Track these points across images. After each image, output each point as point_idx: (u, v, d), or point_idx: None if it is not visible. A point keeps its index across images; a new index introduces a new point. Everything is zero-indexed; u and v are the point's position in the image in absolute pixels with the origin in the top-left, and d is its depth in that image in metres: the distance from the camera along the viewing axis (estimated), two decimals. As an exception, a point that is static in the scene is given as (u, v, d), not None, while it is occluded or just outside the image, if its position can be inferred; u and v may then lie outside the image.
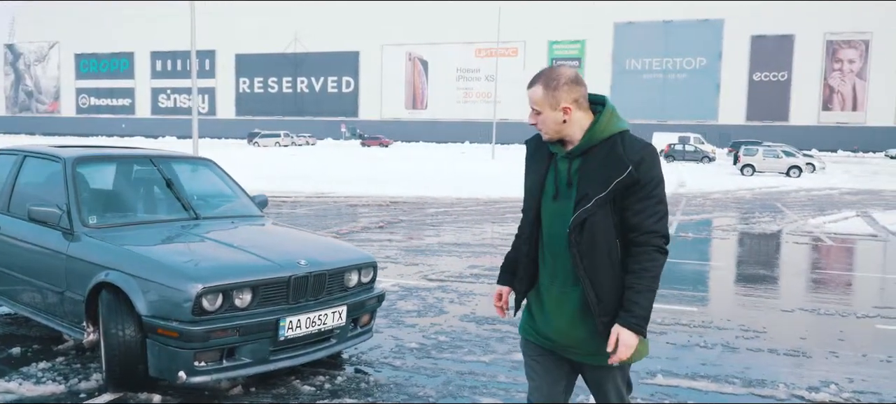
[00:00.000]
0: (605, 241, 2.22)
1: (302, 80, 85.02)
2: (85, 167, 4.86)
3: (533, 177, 2.38)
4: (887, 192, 24.06)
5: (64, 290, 4.38)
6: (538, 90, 2.28)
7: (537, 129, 2.33)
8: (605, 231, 2.22)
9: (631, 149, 2.22)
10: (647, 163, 2.21)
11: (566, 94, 2.26)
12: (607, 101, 2.33)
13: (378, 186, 20.44)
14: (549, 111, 2.27)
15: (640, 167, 2.20)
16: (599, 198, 2.19)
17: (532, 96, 2.29)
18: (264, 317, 3.94)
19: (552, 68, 2.32)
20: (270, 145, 58.27)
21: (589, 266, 2.23)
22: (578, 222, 2.21)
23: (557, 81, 2.26)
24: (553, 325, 2.36)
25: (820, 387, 4.45)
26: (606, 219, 2.21)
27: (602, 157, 2.23)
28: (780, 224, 14.02)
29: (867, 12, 65.26)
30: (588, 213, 2.20)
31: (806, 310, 6.63)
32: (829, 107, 68.84)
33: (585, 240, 2.22)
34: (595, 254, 2.22)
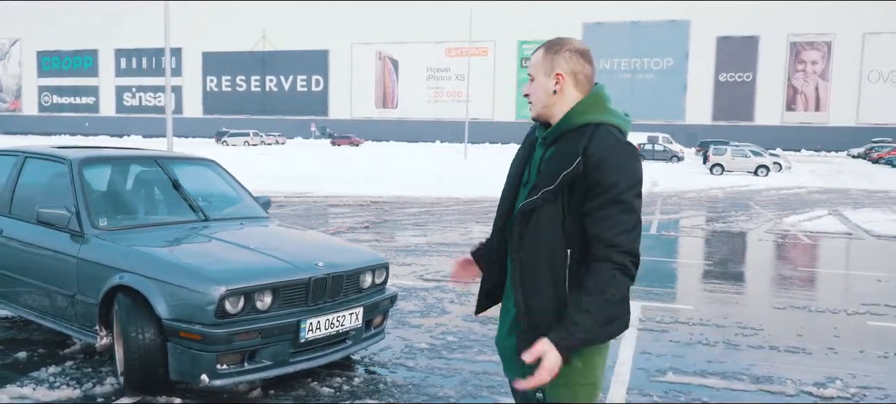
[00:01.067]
0: (549, 242, 1.93)
1: (270, 79, 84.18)
2: (91, 168, 4.78)
3: (515, 163, 2.14)
4: (854, 191, 24.67)
5: (74, 294, 4.31)
6: (538, 53, 2.06)
7: (528, 103, 2.08)
8: (550, 230, 1.93)
9: (596, 142, 1.90)
10: (610, 163, 1.87)
11: (565, 62, 2.01)
12: (601, 88, 2.05)
13: (356, 186, 20.36)
14: (541, 77, 2.03)
15: (601, 166, 1.86)
16: (547, 190, 1.92)
17: (531, 61, 2.08)
18: (285, 319, 3.93)
19: (562, 37, 2.09)
20: (239, 144, 57.60)
21: (525, 266, 1.97)
22: (522, 214, 1.96)
23: (560, 47, 2.03)
24: (499, 329, 2.16)
25: (826, 383, 4.57)
26: (554, 217, 1.92)
27: (564, 147, 1.95)
28: (757, 223, 14.30)
29: (829, 14, 66.74)
30: (533, 205, 1.93)
31: (797, 308, 6.79)
32: (792, 108, 70.28)
33: (527, 236, 1.95)
34: (534, 253, 1.95)
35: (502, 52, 75.52)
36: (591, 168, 1.87)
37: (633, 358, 4.98)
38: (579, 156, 1.88)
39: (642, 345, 5.32)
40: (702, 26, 70.51)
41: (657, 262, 9.30)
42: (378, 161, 36.87)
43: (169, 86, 18.92)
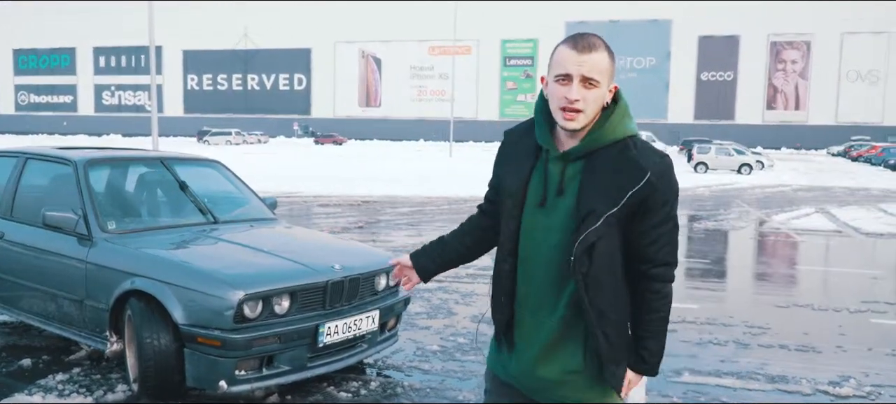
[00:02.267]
0: (615, 270, 1.82)
1: (252, 78, 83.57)
2: (97, 170, 4.68)
3: (514, 175, 1.90)
4: (836, 189, 24.95)
5: (83, 299, 4.21)
6: (605, 57, 1.77)
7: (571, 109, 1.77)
8: (614, 257, 1.81)
9: (646, 155, 1.78)
10: (667, 175, 1.78)
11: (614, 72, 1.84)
12: (621, 95, 1.86)
13: (343, 185, 20.24)
14: (606, 87, 1.79)
15: (661, 183, 1.76)
16: (610, 214, 1.75)
17: (593, 64, 1.75)
18: (304, 324, 3.86)
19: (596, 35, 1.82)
20: (221, 143, 57.12)
21: (598, 301, 1.79)
22: (586, 247, 1.76)
23: (613, 54, 1.82)
24: (518, 361, 1.93)
25: (840, 382, 4.58)
26: (614, 241, 1.79)
27: (611, 163, 1.77)
28: (747, 221, 14.40)
29: (808, 14, 67.51)
30: (597, 235, 1.75)
31: (800, 306, 6.82)
32: (773, 107, 71.02)
33: (595, 269, 1.78)
34: (605, 286, 1.80)
35: (486, 50, 75.59)
36: (651, 185, 1.76)
37: (647, 359, 4.95)
38: (649, 172, 1.75)
39: (653, 346, 5.29)
40: (683, 26, 71.05)
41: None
42: (364, 160, 36.73)
43: (154, 85, 18.72)
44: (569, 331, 1.85)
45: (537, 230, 1.85)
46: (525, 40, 75.50)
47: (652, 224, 1.78)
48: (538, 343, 1.88)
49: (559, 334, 1.85)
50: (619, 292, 1.84)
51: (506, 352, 1.98)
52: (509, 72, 76.49)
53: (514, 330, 1.94)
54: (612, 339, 1.83)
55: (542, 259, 1.85)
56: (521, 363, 1.92)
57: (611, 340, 1.82)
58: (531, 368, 1.90)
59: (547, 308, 1.86)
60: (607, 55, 1.78)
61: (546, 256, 1.84)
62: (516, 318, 1.93)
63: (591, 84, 1.76)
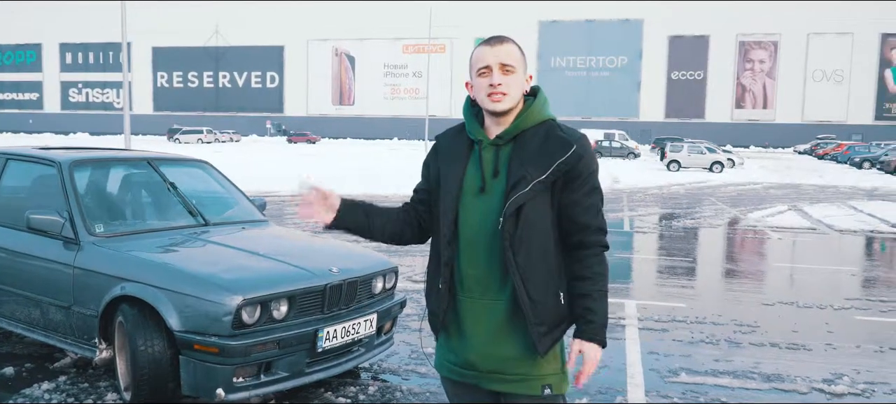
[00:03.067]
0: (542, 234, 1.94)
1: (224, 75, 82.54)
2: (82, 171, 4.53)
3: (451, 172, 2.02)
4: (805, 186, 25.38)
5: (70, 305, 4.07)
6: (514, 48, 2.00)
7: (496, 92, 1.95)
8: (543, 222, 1.94)
9: (570, 132, 1.98)
10: (589, 149, 1.96)
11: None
12: (539, 88, 2.09)
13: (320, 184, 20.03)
14: (520, 73, 1.99)
15: (584, 156, 1.94)
16: (539, 180, 1.90)
17: (507, 52, 1.97)
18: (303, 329, 3.77)
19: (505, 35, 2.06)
20: (192, 142, 56.45)
21: (523, 263, 1.92)
22: (513, 210, 1.90)
23: (522, 49, 2.05)
24: (472, 345, 2.00)
25: (834, 380, 4.62)
26: (544, 208, 1.94)
27: (539, 140, 1.96)
28: (724, 219, 14.56)
29: (776, 15, 68.59)
30: (525, 198, 1.90)
31: (785, 303, 6.88)
32: (741, 105, 72.07)
33: (521, 231, 1.91)
34: (531, 248, 1.93)
35: (460, 49, 75.54)
36: (577, 158, 1.94)
37: (642, 359, 4.95)
38: (574, 144, 1.93)
39: (647, 345, 5.31)
40: (654, 26, 71.76)
41: (642, 260, 9.36)
42: (339, 159, 36.49)
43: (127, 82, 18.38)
44: (520, 309, 1.95)
45: (478, 214, 1.97)
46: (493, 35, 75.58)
47: (583, 192, 1.95)
48: (491, 323, 1.98)
49: (511, 312, 1.96)
50: (547, 258, 1.95)
51: (456, 341, 2.05)
52: (483, 70, 76.55)
53: (462, 316, 2.02)
54: (536, 299, 1.93)
55: (485, 241, 1.96)
56: (477, 346, 2.00)
57: (534, 300, 1.93)
58: (488, 349, 1.98)
59: (494, 288, 1.97)
60: (517, 48, 2.02)
61: (488, 237, 1.96)
62: (462, 305, 2.01)
63: (508, 69, 1.97)
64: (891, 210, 16.98)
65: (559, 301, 1.98)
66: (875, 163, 36.82)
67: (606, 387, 4.38)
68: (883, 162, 34.96)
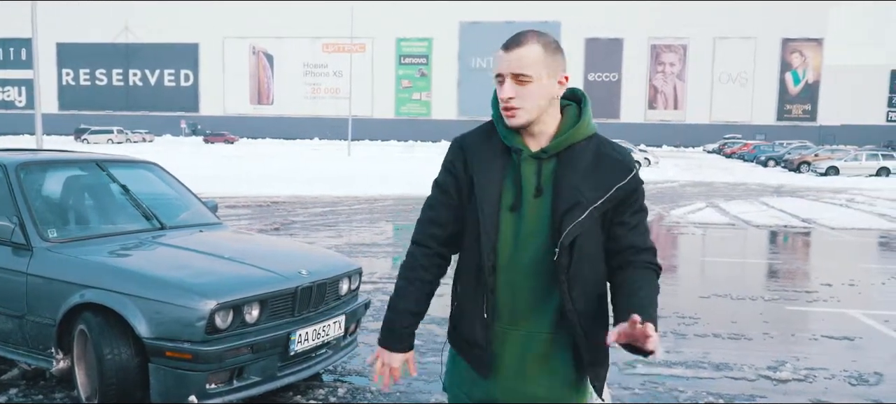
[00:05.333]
0: (597, 265, 1.80)
1: (134, 73, 79.31)
2: (30, 173, 4.30)
3: (488, 185, 1.78)
4: (718, 184, 26.60)
5: (23, 314, 3.87)
6: (537, 49, 1.73)
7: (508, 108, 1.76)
8: (596, 251, 1.79)
9: (624, 152, 1.82)
10: (638, 173, 1.83)
11: (563, 63, 1.78)
12: (584, 94, 1.87)
13: (247, 186, 19.62)
14: (546, 79, 1.73)
15: (636, 176, 1.81)
16: (595, 207, 1.73)
17: (519, 58, 1.72)
18: (275, 332, 3.73)
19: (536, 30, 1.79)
20: (102, 142, 53.95)
21: (579, 299, 1.76)
22: (569, 242, 1.73)
23: (556, 44, 1.76)
24: (503, 380, 1.83)
25: (777, 367, 4.90)
26: (597, 236, 1.78)
27: (589, 159, 1.77)
28: (651, 216, 15.09)
29: (684, 19, 71.54)
30: (581, 228, 1.73)
31: (720, 296, 7.23)
32: (654, 106, 74.83)
33: (576, 263, 1.74)
34: (586, 282, 1.77)
35: (380, 48, 75.30)
36: (637, 183, 1.83)
37: (598, 353, 5.11)
38: (634, 169, 1.81)
39: (600, 339, 5.47)
40: (571, 28, 73.51)
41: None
42: (260, 159, 35.72)
43: (39, 80, 17.45)
44: (559, 341, 1.80)
45: (515, 235, 1.77)
46: (420, 39, 75.82)
47: (633, 211, 1.81)
48: (528, 357, 1.80)
49: (548, 345, 1.79)
50: (600, 291, 1.82)
51: (483, 376, 1.84)
52: (404, 70, 76.54)
53: (494, 347, 1.82)
54: (592, 339, 1.78)
55: (525, 265, 1.77)
56: (508, 381, 1.82)
57: (591, 339, 1.77)
58: (516, 384, 1.82)
59: (535, 317, 1.79)
60: (538, 46, 1.73)
61: (530, 262, 1.77)
62: (494, 335, 1.81)
63: (522, 79, 1.73)
64: (799, 205, 18.04)
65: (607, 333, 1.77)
66: (779, 162, 38.97)
67: (570, 381, 4.50)
68: (786, 160, 37.07)
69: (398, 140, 72.75)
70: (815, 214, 15.85)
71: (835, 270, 8.95)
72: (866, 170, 32.41)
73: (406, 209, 15.28)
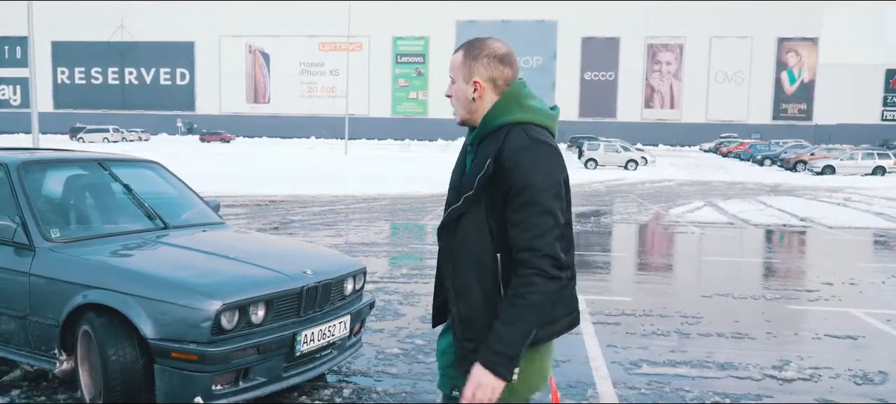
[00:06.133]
0: (476, 249, 1.88)
1: (130, 71, 79.04)
2: (32, 172, 4.27)
3: (454, 170, 2.06)
4: (715, 183, 26.67)
5: (26, 315, 3.84)
6: (459, 56, 1.98)
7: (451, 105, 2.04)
8: (477, 237, 1.88)
9: (508, 144, 1.85)
10: (523, 165, 1.81)
11: (483, 68, 1.94)
12: (519, 85, 1.98)
13: (245, 185, 19.57)
14: (461, 82, 1.97)
15: (514, 168, 1.81)
16: (468, 196, 1.88)
17: (452, 62, 2.01)
18: (281, 333, 3.70)
19: (484, 38, 1.99)
20: (97, 141, 53.83)
21: (457, 276, 1.93)
22: (447, 222, 1.95)
23: (480, 51, 1.95)
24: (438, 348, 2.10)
25: (782, 367, 4.89)
26: (479, 224, 1.87)
27: (482, 151, 1.91)
28: (648, 215, 15.11)
29: (680, 18, 71.60)
30: (457, 213, 1.91)
31: (722, 295, 7.22)
32: (650, 105, 74.87)
33: (456, 245, 1.92)
34: (463, 262, 1.91)
35: (377, 47, 75.22)
36: (506, 171, 1.82)
37: (603, 352, 5.10)
38: (490, 158, 1.85)
39: (604, 339, 5.46)
40: (568, 27, 73.57)
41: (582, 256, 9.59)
42: (257, 158, 35.64)
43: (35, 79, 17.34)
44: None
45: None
46: (416, 38, 75.75)
47: (512, 209, 1.82)
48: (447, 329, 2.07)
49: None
50: (482, 273, 1.88)
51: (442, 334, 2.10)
52: (401, 69, 76.45)
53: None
54: (466, 317, 1.90)
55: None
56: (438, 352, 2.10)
57: (464, 318, 1.91)
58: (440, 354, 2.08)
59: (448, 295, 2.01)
60: (462, 55, 1.98)
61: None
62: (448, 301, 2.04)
63: (452, 79, 2.02)
64: (796, 204, 18.08)
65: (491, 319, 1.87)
66: (775, 161, 39.05)
67: (576, 381, 4.49)
68: (783, 159, 37.14)
69: (395, 139, 72.66)
70: (813, 213, 15.88)
71: (835, 269, 8.95)
72: (862, 168, 32.51)
73: (404, 208, 15.26)
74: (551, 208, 1.81)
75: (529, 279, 1.78)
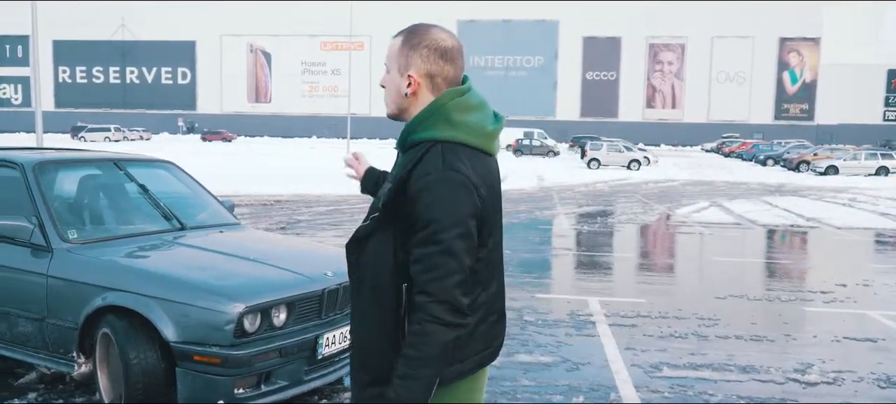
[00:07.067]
0: (379, 274, 1.67)
1: (131, 70, 78.99)
2: (48, 173, 4.22)
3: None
4: (718, 183, 26.59)
5: (43, 317, 3.79)
6: (397, 42, 1.74)
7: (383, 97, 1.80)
8: (382, 259, 1.67)
9: (419, 169, 1.62)
10: (427, 198, 1.58)
11: (421, 61, 1.69)
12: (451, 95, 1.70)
13: (248, 184, 19.51)
14: (395, 72, 1.73)
15: (419, 199, 1.59)
16: (373, 216, 1.69)
17: (389, 48, 1.76)
18: (303, 335, 3.65)
19: (428, 26, 1.73)
20: (99, 140, 53.74)
21: (359, 298, 1.73)
22: (355, 240, 1.73)
23: (419, 41, 1.70)
24: None
25: (804, 369, 4.84)
26: (384, 246, 1.66)
27: (399, 165, 1.71)
28: (654, 216, 15.05)
29: (682, 18, 71.53)
30: (365, 231, 1.70)
31: (736, 297, 7.16)
32: (652, 105, 74.80)
33: (362, 266, 1.71)
34: (366, 285, 1.71)
35: (379, 46, 75.09)
36: (410, 199, 1.61)
37: (622, 355, 5.05)
38: (390, 184, 1.66)
39: (622, 341, 5.41)
40: (569, 26, 73.50)
41: (592, 257, 9.55)
42: (259, 158, 35.58)
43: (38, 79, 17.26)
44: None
45: None
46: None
47: (414, 241, 1.61)
48: None
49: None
50: (382, 301, 1.68)
51: None
52: (402, 68, 76.36)
53: None
54: (364, 345, 1.72)
55: None
56: None
57: (362, 346, 1.72)
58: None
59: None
60: (400, 42, 1.72)
61: None
62: None
63: (386, 68, 1.76)
64: (802, 205, 18.02)
65: (392, 351, 1.66)
66: (778, 161, 38.98)
67: (597, 384, 4.44)
68: (785, 159, 37.08)
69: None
70: (820, 214, 15.83)
71: (847, 270, 8.90)
72: (865, 169, 32.44)
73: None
74: (453, 249, 1.58)
75: (423, 328, 1.57)
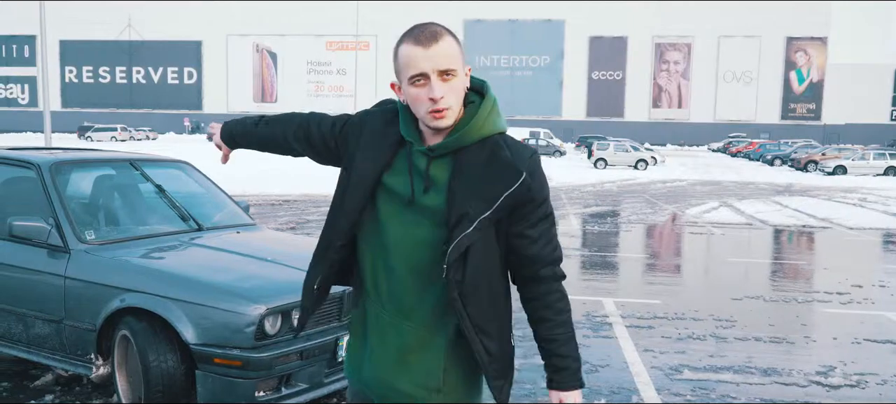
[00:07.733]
0: (493, 277, 1.67)
1: (138, 70, 79.18)
2: (65, 173, 4.18)
3: (367, 165, 1.69)
4: (727, 183, 26.48)
5: (61, 319, 3.75)
6: (451, 42, 1.61)
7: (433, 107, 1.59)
8: (492, 262, 1.66)
9: (519, 154, 1.63)
10: (539, 173, 1.65)
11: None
12: (488, 88, 1.71)
13: (256, 183, 19.56)
14: (462, 72, 1.62)
15: (534, 177, 1.62)
16: (483, 217, 1.60)
17: (445, 53, 1.58)
18: (323, 338, 3.60)
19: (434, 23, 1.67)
20: (105, 139, 53.87)
21: (476, 314, 1.64)
22: (460, 253, 1.59)
23: (456, 35, 1.65)
24: (372, 366, 1.74)
25: (827, 372, 4.78)
26: (492, 245, 1.65)
27: (483, 162, 1.62)
28: (664, 215, 14.98)
29: (689, 17, 71.35)
30: (470, 240, 1.59)
31: (752, 298, 7.10)
32: (658, 105, 74.61)
33: (470, 277, 1.61)
34: (482, 297, 1.65)
35: (385, 46, 75.07)
36: (526, 185, 1.61)
37: (641, 357, 4.99)
38: (524, 172, 1.61)
39: (640, 343, 5.36)
40: (575, 26, 73.36)
41: (606, 257, 9.49)
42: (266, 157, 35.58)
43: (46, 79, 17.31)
44: (431, 340, 1.69)
45: (406, 230, 1.66)
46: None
47: (530, 223, 1.65)
48: (396, 347, 1.70)
49: (419, 341, 1.68)
50: (496, 301, 1.69)
51: (360, 356, 1.78)
52: (408, 68, 76.39)
53: (368, 325, 1.75)
54: (494, 353, 1.68)
55: (405, 252, 1.67)
56: (376, 368, 1.73)
57: (492, 354, 1.67)
58: (387, 376, 1.71)
59: (407, 308, 1.69)
60: (453, 39, 1.62)
61: (410, 250, 1.66)
62: (370, 313, 1.74)
63: (448, 75, 1.59)
64: (813, 205, 17.92)
65: (511, 346, 1.75)
66: (786, 161, 38.82)
67: (618, 387, 4.38)
68: (793, 159, 36.91)
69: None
70: (831, 214, 15.74)
71: (862, 271, 8.83)
72: (874, 169, 32.29)
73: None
74: (554, 217, 1.74)
75: (563, 292, 1.71)
